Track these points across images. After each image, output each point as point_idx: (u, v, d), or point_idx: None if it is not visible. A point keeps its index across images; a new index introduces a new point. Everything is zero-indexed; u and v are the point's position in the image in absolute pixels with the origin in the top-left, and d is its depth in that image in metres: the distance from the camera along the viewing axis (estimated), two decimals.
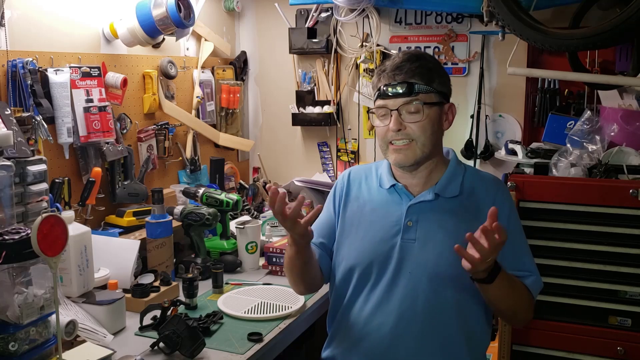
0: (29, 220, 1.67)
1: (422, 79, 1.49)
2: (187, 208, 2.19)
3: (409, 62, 1.50)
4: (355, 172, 1.72)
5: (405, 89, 1.48)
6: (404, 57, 1.52)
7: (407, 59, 1.51)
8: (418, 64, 1.50)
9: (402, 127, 1.49)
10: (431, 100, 1.50)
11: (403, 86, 1.48)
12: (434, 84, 1.51)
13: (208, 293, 1.99)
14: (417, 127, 1.49)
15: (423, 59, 1.53)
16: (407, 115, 1.50)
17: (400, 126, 1.49)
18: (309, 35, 2.94)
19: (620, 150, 2.19)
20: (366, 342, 1.54)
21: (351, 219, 1.63)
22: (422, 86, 1.49)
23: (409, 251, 1.52)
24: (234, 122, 3.09)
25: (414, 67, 1.49)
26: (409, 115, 1.49)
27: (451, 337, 1.51)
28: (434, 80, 1.51)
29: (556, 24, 2.41)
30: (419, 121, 1.49)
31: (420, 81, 1.49)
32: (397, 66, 1.50)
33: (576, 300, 2.11)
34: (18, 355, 1.33)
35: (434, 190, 1.55)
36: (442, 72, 1.55)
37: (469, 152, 2.75)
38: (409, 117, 1.50)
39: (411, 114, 1.49)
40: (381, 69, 1.54)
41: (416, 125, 1.49)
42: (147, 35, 2.28)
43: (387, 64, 1.54)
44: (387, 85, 1.51)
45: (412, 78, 1.49)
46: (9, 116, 1.78)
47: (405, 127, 1.49)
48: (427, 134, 1.50)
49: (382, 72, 1.54)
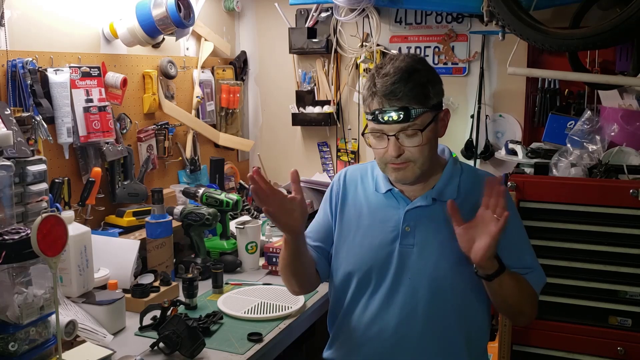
0: (29, 220, 1.67)
1: (418, 102, 1.43)
2: (187, 208, 2.19)
3: (402, 82, 1.41)
4: (351, 173, 1.69)
5: (402, 115, 1.42)
6: (395, 77, 1.41)
7: (399, 79, 1.42)
8: (412, 85, 1.42)
9: (401, 151, 1.45)
10: (428, 120, 1.45)
11: (399, 113, 1.41)
12: (429, 102, 1.45)
13: (208, 293, 1.99)
14: (415, 151, 1.45)
15: (416, 73, 1.43)
16: (405, 139, 1.45)
17: (400, 151, 1.45)
18: (309, 35, 2.94)
19: (620, 150, 2.19)
20: (367, 347, 1.54)
21: (348, 223, 1.61)
22: (418, 110, 1.43)
23: (408, 257, 1.51)
24: (234, 122, 3.09)
25: (408, 89, 1.41)
26: (408, 139, 1.45)
27: (451, 341, 1.50)
28: (429, 96, 1.45)
29: (556, 24, 2.41)
30: (418, 145, 1.45)
31: (417, 104, 1.42)
32: (390, 89, 1.42)
33: (576, 300, 2.10)
34: (18, 355, 1.33)
35: (431, 195, 1.52)
36: (436, 79, 1.49)
37: (469, 152, 2.75)
38: (408, 141, 1.45)
39: (409, 139, 1.45)
40: (372, 89, 1.45)
41: (415, 149, 1.45)
42: (147, 35, 2.28)
43: (377, 82, 1.44)
44: (381, 111, 1.43)
45: (408, 103, 1.42)
46: (9, 116, 1.78)
47: (403, 151, 1.45)
48: (425, 154, 1.47)
49: (373, 93, 1.45)
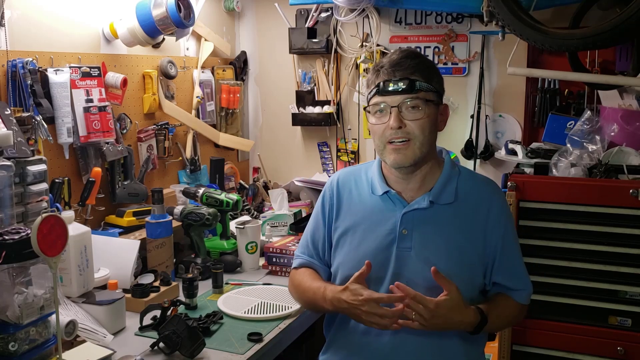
0: (29, 220, 1.67)
1: (423, 76, 1.47)
2: (187, 208, 2.19)
3: (408, 58, 1.47)
4: (344, 177, 1.67)
5: (407, 85, 1.45)
6: (402, 54, 1.49)
7: (405, 55, 1.48)
8: (418, 61, 1.48)
9: (402, 124, 1.45)
10: (431, 98, 1.48)
11: (405, 82, 1.45)
12: (433, 82, 1.49)
13: (208, 293, 1.99)
14: (416, 126, 1.46)
15: (422, 56, 1.52)
16: (407, 113, 1.46)
17: (401, 123, 1.45)
18: (309, 35, 2.94)
19: (620, 150, 2.19)
20: (365, 351, 1.53)
21: (345, 228, 1.60)
22: (423, 83, 1.46)
23: (406, 260, 1.50)
24: (234, 122, 3.09)
25: (414, 63, 1.47)
26: (409, 112, 1.46)
27: (449, 344, 1.50)
28: (433, 79, 1.49)
29: (556, 24, 2.41)
30: (420, 119, 1.45)
31: (421, 78, 1.46)
32: (397, 62, 1.47)
33: (576, 300, 2.11)
34: (18, 355, 1.33)
35: (428, 197, 1.51)
36: (439, 72, 1.54)
37: (469, 152, 2.75)
38: (409, 115, 1.46)
39: (411, 112, 1.46)
40: (379, 66, 1.50)
41: (416, 123, 1.45)
42: (147, 35, 2.28)
43: (384, 60, 1.50)
44: (386, 81, 1.46)
45: (413, 74, 1.46)
46: (9, 116, 1.78)
47: (405, 124, 1.46)
48: (425, 133, 1.47)
49: (380, 68, 1.50)
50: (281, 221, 2.50)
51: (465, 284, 1.47)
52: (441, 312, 1.39)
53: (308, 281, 1.62)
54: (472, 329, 1.44)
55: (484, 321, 1.44)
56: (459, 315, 1.41)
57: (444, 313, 1.39)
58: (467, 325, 1.44)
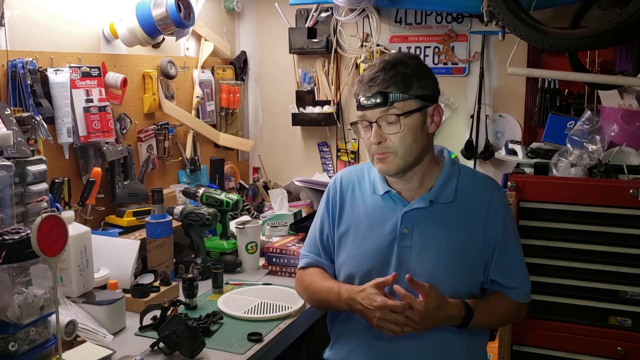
0: (29, 220, 1.68)
1: (397, 88, 1.46)
2: (187, 208, 2.19)
3: (383, 71, 1.47)
4: (347, 176, 1.69)
5: (380, 99, 1.46)
6: (379, 67, 1.49)
7: (382, 68, 1.48)
8: (393, 73, 1.46)
9: (382, 139, 1.48)
10: (409, 108, 1.47)
11: (377, 97, 1.46)
12: (411, 91, 1.47)
13: (208, 293, 1.99)
14: (396, 139, 1.47)
15: (400, 65, 1.48)
16: (386, 127, 1.48)
17: (381, 138, 1.48)
18: (309, 35, 2.94)
19: (620, 150, 2.19)
20: (368, 348, 1.54)
21: (347, 227, 1.62)
22: (397, 95, 1.46)
23: (406, 258, 1.52)
24: (234, 122, 3.09)
25: (388, 77, 1.46)
26: (388, 126, 1.48)
27: (451, 341, 1.51)
28: (411, 87, 1.47)
29: (556, 24, 2.41)
30: (398, 132, 1.47)
31: (395, 90, 1.46)
32: (372, 77, 1.48)
33: (576, 300, 2.11)
34: (18, 355, 1.33)
35: (428, 197, 1.53)
36: (424, 74, 1.51)
37: (469, 152, 2.75)
38: (388, 129, 1.48)
39: (390, 126, 1.47)
40: (359, 79, 1.52)
41: (395, 136, 1.47)
42: (147, 35, 2.28)
43: (365, 74, 1.51)
44: (363, 96, 1.49)
45: (387, 88, 1.46)
46: (9, 116, 1.78)
47: (385, 139, 1.48)
48: (406, 144, 1.48)
49: (360, 82, 1.52)
50: (281, 221, 2.51)
51: (466, 281, 1.51)
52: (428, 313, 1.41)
53: (319, 281, 1.63)
54: (460, 322, 1.46)
55: (469, 313, 1.46)
56: (443, 311, 1.44)
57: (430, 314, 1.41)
58: (453, 318, 1.46)
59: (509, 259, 1.55)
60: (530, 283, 1.59)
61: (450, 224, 1.52)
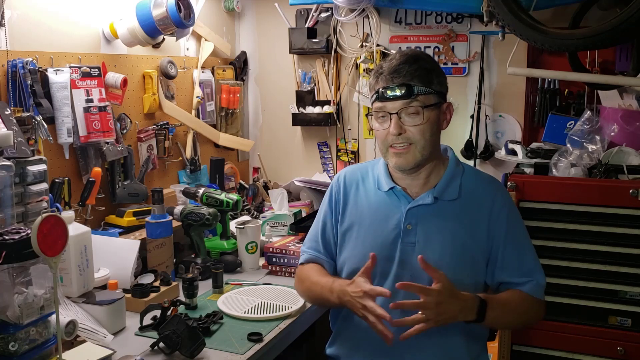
0: (29, 220, 1.67)
1: (421, 81, 1.48)
2: (187, 208, 2.19)
3: (407, 64, 1.48)
4: (351, 173, 1.70)
5: (405, 91, 1.46)
6: (401, 59, 1.50)
7: (404, 60, 1.49)
8: (417, 66, 1.48)
9: (402, 130, 1.48)
10: (430, 102, 1.49)
11: (402, 89, 1.46)
12: (432, 85, 1.49)
13: (208, 293, 1.99)
14: (416, 131, 1.48)
15: (421, 59, 1.51)
16: (406, 119, 1.49)
17: (401, 130, 1.48)
18: (309, 35, 2.94)
19: (620, 150, 2.19)
20: (370, 343, 1.55)
21: (351, 223, 1.63)
22: (421, 88, 1.47)
23: (410, 254, 1.52)
24: (234, 122, 3.09)
25: (413, 69, 1.47)
26: (409, 118, 1.48)
27: (452, 338, 1.52)
28: (433, 81, 1.50)
29: (556, 24, 2.41)
30: (420, 124, 1.48)
31: (419, 83, 1.47)
32: (395, 69, 1.48)
33: (576, 300, 2.11)
34: (18, 355, 1.33)
35: (432, 194, 1.54)
36: (440, 72, 1.54)
37: (469, 152, 2.75)
38: (409, 120, 1.48)
39: (411, 118, 1.48)
40: (378, 71, 1.52)
41: (416, 128, 1.48)
42: (147, 35, 2.28)
43: (384, 65, 1.51)
44: (385, 88, 1.49)
45: (411, 80, 1.47)
46: (9, 116, 1.78)
47: (405, 130, 1.48)
48: (426, 137, 1.49)
49: (379, 74, 1.51)
50: (281, 221, 2.51)
51: (469, 278, 1.51)
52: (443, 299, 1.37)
53: (315, 276, 1.64)
54: (475, 315, 1.42)
55: (483, 305, 1.42)
56: (457, 302, 1.40)
57: (445, 300, 1.37)
58: (468, 311, 1.42)
59: (516, 257, 1.54)
60: (544, 278, 1.56)
61: (453, 222, 1.53)
